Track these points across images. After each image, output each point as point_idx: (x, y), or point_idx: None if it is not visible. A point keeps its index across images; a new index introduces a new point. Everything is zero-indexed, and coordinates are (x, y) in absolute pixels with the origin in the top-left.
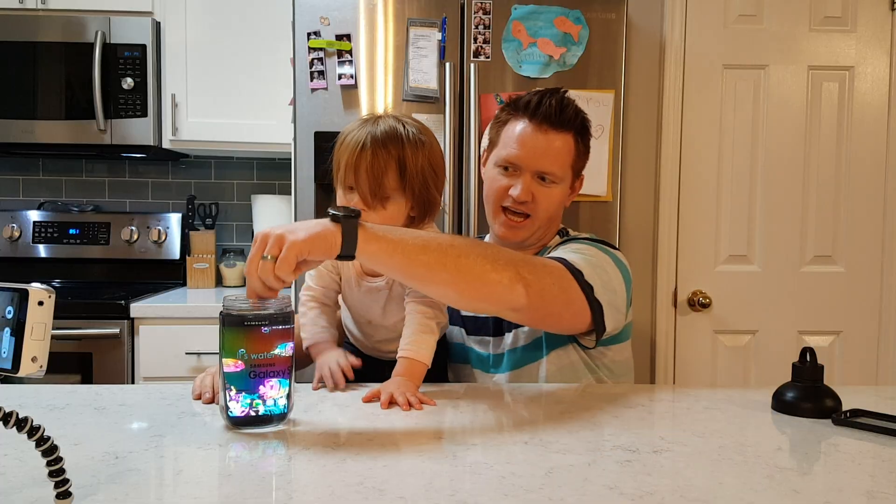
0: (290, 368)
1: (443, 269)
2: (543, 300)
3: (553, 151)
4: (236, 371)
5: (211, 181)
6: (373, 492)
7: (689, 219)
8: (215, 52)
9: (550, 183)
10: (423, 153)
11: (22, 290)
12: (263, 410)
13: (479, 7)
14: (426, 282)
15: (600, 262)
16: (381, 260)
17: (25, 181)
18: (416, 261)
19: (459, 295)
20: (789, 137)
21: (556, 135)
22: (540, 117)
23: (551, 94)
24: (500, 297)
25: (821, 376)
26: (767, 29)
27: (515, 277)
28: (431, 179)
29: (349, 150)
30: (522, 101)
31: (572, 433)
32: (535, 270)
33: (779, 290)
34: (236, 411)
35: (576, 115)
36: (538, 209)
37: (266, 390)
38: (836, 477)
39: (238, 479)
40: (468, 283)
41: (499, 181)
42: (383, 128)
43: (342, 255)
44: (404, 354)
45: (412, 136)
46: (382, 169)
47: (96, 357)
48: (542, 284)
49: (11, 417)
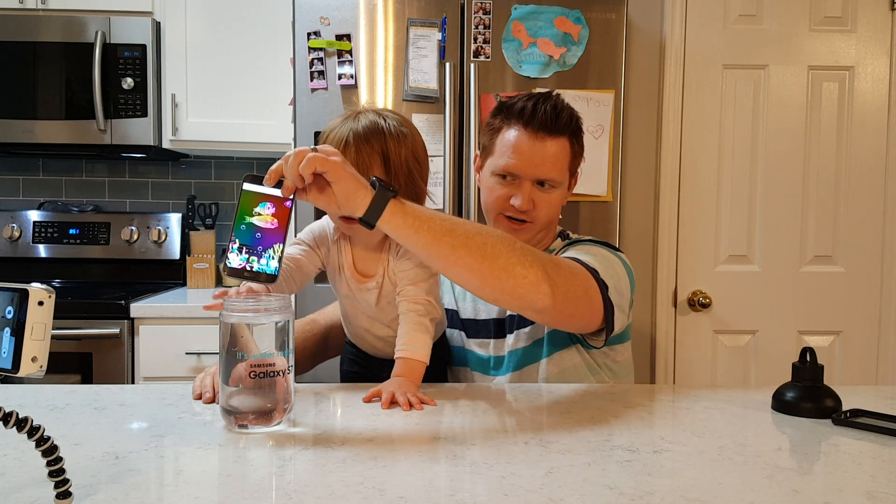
0: (284, 235)
1: (467, 253)
2: (567, 301)
3: (551, 158)
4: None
5: (211, 181)
6: (373, 492)
7: (689, 219)
8: (215, 52)
9: (550, 188)
10: (405, 145)
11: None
12: (257, 267)
13: (479, 7)
14: (449, 264)
15: (611, 264)
16: (406, 235)
17: (25, 181)
18: (441, 241)
19: (482, 282)
20: (789, 137)
21: (553, 140)
22: (536, 125)
23: (545, 100)
24: (524, 294)
25: (821, 376)
26: (767, 29)
27: (542, 276)
28: (416, 170)
29: (333, 145)
30: (516, 107)
31: (572, 433)
32: (560, 270)
33: (779, 290)
34: (234, 263)
35: (570, 119)
36: (539, 215)
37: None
38: (836, 477)
39: (238, 479)
40: (492, 272)
41: (498, 191)
42: (364, 123)
43: (363, 219)
44: (402, 355)
45: (394, 129)
46: (367, 164)
47: (96, 357)
48: (568, 285)
49: (11, 417)
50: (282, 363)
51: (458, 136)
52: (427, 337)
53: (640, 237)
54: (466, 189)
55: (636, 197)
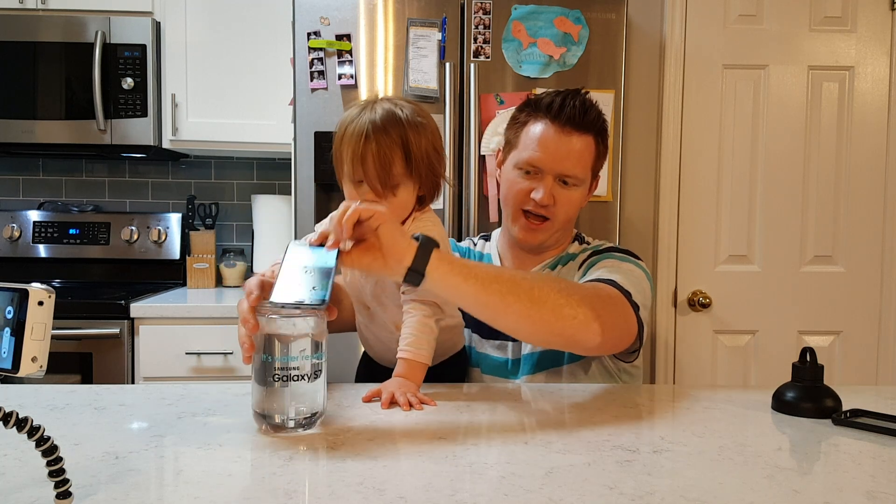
0: (332, 273)
1: (516, 299)
2: (614, 333)
3: (575, 154)
4: None
5: (211, 181)
6: (373, 492)
7: (689, 219)
8: (215, 52)
9: (572, 186)
10: (425, 136)
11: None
12: (308, 301)
13: (479, 7)
14: (498, 312)
15: (639, 280)
16: (455, 283)
17: (25, 181)
18: (489, 288)
19: (533, 328)
20: (789, 137)
21: (579, 137)
22: (563, 119)
23: (574, 96)
24: (574, 334)
25: (821, 376)
26: (767, 29)
27: (591, 315)
28: (436, 160)
29: (353, 141)
30: (543, 102)
31: (572, 433)
32: (605, 304)
33: (779, 290)
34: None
35: (598, 117)
36: (558, 212)
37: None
38: (836, 477)
39: (238, 479)
40: (541, 316)
41: (519, 184)
42: (381, 114)
43: (412, 268)
44: (403, 355)
45: (412, 119)
46: (389, 157)
47: (96, 357)
48: (613, 318)
49: (11, 417)
50: (313, 366)
51: (458, 136)
52: (431, 338)
53: (640, 237)
54: (466, 189)
55: (636, 197)
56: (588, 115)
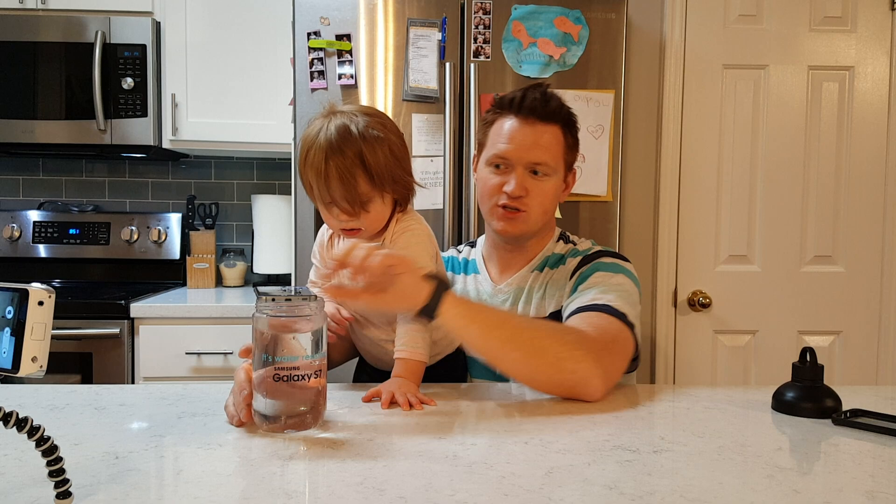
0: None
1: (514, 348)
2: (615, 378)
3: (543, 142)
4: None
5: (211, 181)
6: (373, 492)
7: (689, 219)
8: (215, 52)
9: (543, 176)
10: (381, 148)
11: (22, 290)
12: None
13: (479, 7)
14: (497, 359)
15: (630, 294)
16: (460, 326)
17: (25, 181)
18: (490, 335)
19: (531, 375)
20: (789, 137)
21: (544, 127)
22: (526, 111)
23: (534, 89)
24: (574, 388)
25: (821, 376)
26: (767, 29)
27: (592, 370)
28: (398, 168)
29: (314, 166)
30: (506, 99)
31: (572, 433)
32: (610, 353)
33: (779, 290)
34: None
35: (560, 107)
36: (532, 203)
37: None
38: (836, 477)
39: (238, 479)
40: (539, 367)
41: (491, 180)
42: (335, 133)
43: (426, 307)
44: (400, 355)
45: (366, 134)
46: (350, 177)
47: (96, 357)
48: (618, 365)
49: (11, 417)
50: (314, 366)
51: (458, 136)
52: (426, 335)
53: (640, 237)
54: (466, 189)
55: (636, 197)
56: (550, 104)
